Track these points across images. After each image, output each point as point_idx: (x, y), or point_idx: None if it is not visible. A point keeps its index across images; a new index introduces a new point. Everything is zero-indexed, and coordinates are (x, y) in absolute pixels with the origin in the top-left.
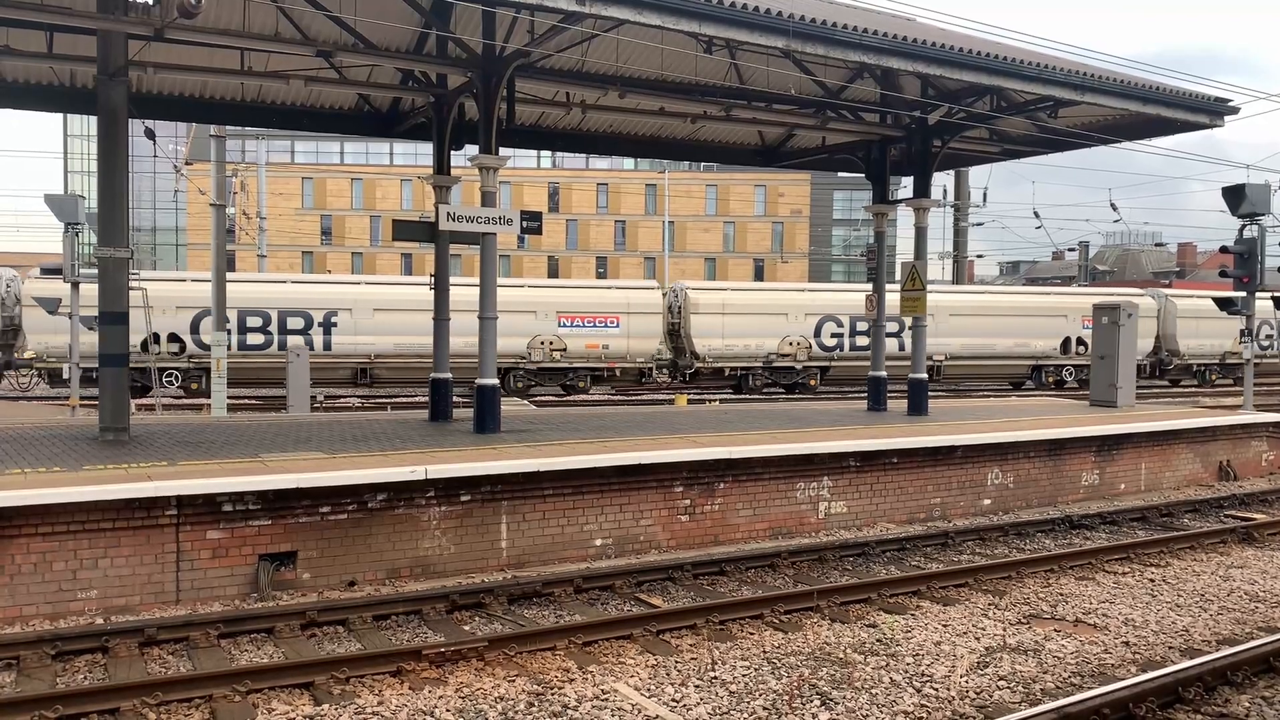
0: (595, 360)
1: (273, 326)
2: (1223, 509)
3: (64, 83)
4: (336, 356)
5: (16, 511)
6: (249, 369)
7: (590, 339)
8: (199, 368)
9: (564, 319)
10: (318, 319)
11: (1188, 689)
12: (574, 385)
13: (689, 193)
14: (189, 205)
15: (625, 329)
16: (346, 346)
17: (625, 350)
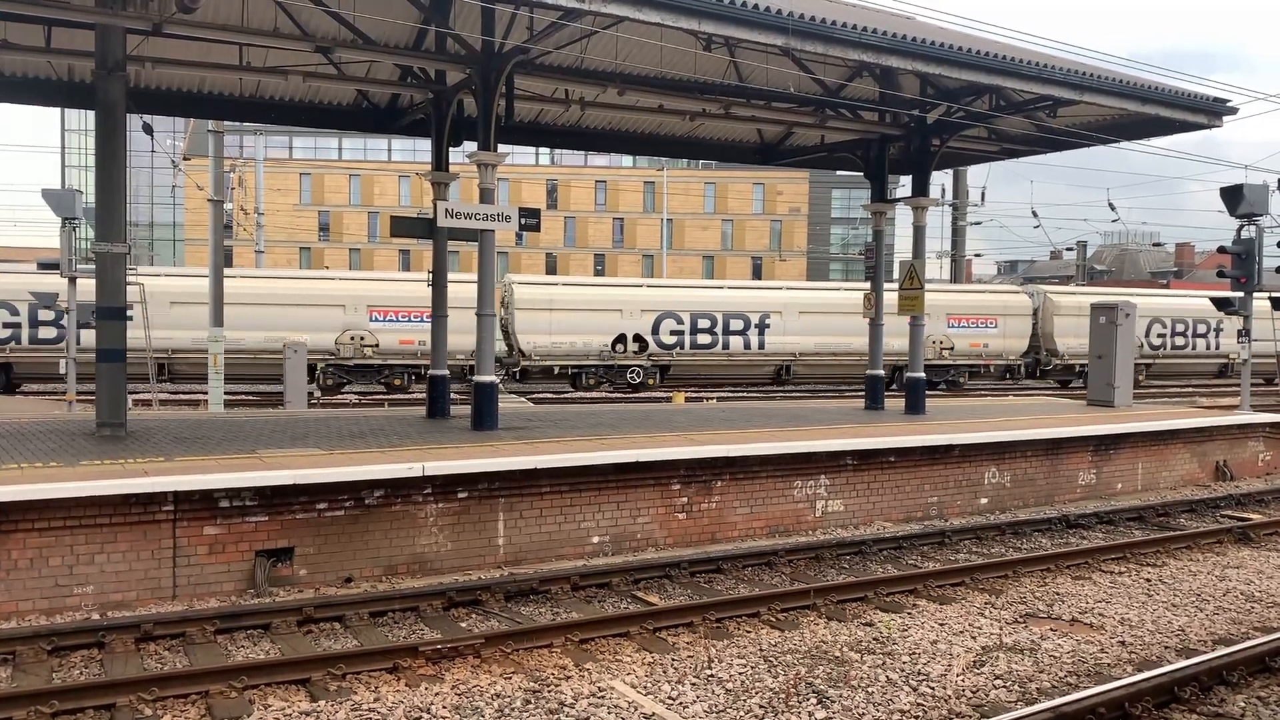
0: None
1: None
2: (1219, 509)
3: (62, 77)
4: None
5: (13, 506)
6: None
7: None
8: None
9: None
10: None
11: (1184, 689)
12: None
13: (687, 190)
14: (187, 201)
15: None
16: None
17: None
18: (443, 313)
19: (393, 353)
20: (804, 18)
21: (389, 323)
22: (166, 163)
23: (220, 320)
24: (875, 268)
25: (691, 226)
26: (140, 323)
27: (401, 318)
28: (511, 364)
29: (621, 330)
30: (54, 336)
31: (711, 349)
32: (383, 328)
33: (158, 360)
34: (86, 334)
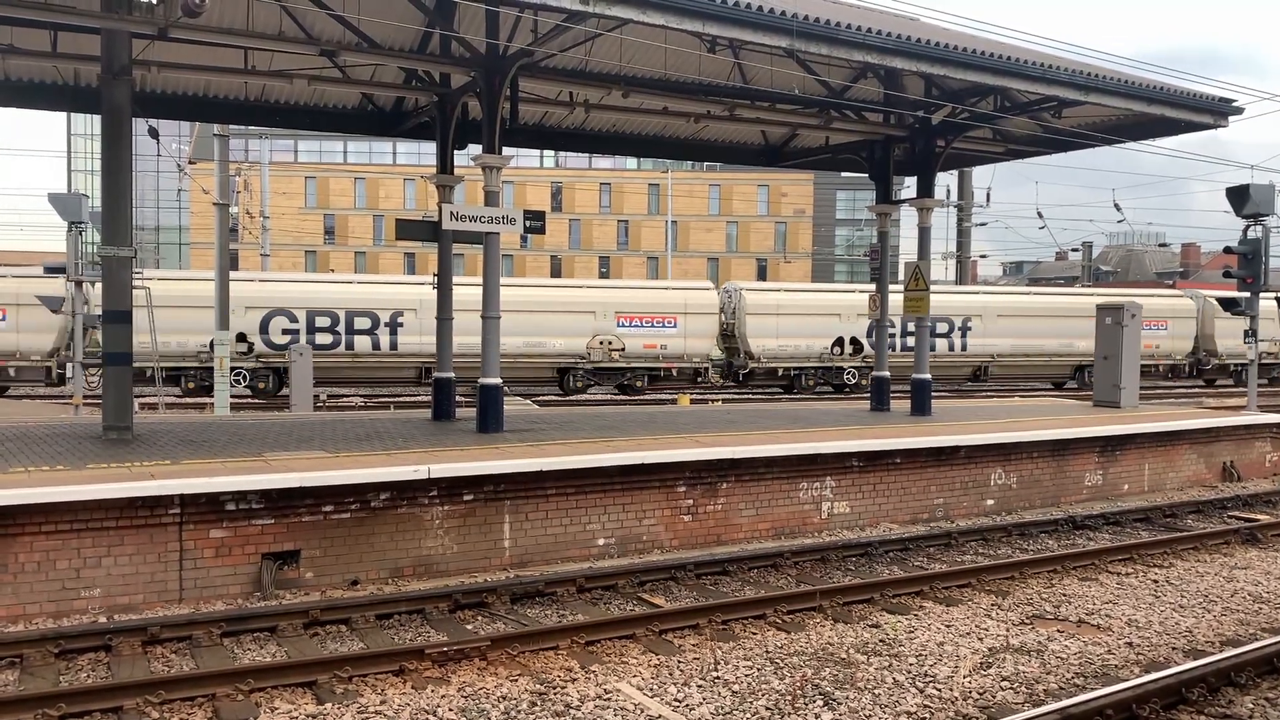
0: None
1: None
2: (1226, 510)
3: (68, 82)
4: None
5: (20, 509)
6: None
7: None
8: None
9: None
10: None
11: (1191, 690)
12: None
13: (692, 192)
14: (192, 204)
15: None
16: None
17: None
18: (448, 315)
19: (637, 356)
20: (808, 19)
21: (634, 328)
22: (172, 166)
23: (226, 323)
24: (880, 269)
25: (696, 228)
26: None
27: (645, 323)
28: (740, 366)
29: (839, 334)
30: None
31: None
32: (628, 332)
33: None
34: None
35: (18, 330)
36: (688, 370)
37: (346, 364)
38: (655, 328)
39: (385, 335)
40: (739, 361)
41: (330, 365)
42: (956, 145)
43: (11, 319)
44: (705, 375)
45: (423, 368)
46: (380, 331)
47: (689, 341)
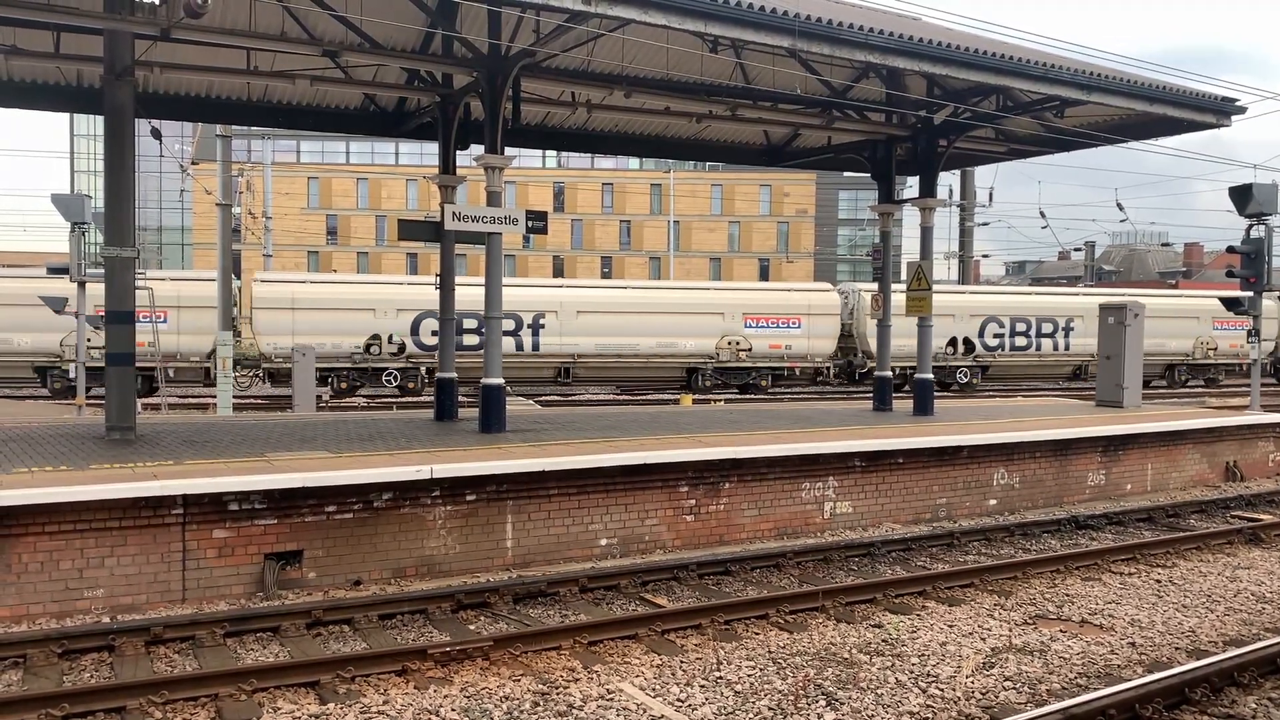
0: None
1: None
2: (1229, 510)
3: (71, 82)
4: None
5: (24, 510)
6: None
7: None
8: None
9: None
10: None
11: (1194, 690)
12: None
13: (694, 192)
14: (195, 205)
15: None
16: None
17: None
18: (450, 316)
19: (762, 356)
20: (810, 19)
21: (761, 329)
22: (175, 167)
23: (229, 325)
24: (883, 269)
25: (698, 228)
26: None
27: (771, 324)
28: (858, 365)
29: (953, 334)
30: None
31: (1026, 350)
32: (755, 333)
33: None
34: None
35: (179, 332)
36: (809, 370)
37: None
38: (780, 328)
39: (528, 336)
40: (857, 360)
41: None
42: (959, 145)
43: (173, 321)
44: (826, 375)
45: (561, 368)
46: (523, 333)
47: (812, 342)
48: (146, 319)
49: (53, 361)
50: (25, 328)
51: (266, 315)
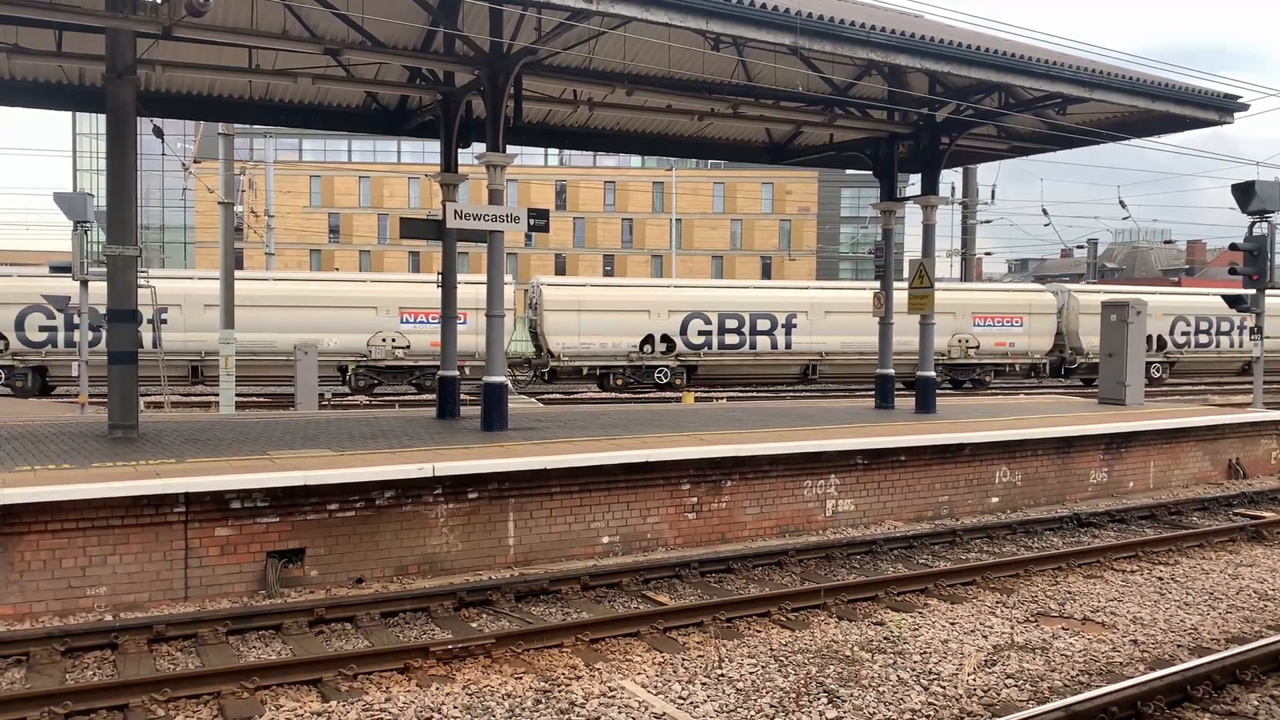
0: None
1: None
2: (1232, 507)
3: (73, 81)
4: None
5: (26, 508)
6: None
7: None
8: None
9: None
10: None
11: (1196, 687)
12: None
13: (696, 190)
14: (197, 203)
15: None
16: None
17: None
18: (452, 314)
19: (988, 353)
20: (812, 17)
21: (988, 327)
22: (177, 166)
23: (231, 323)
24: (885, 267)
25: (700, 226)
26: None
27: (997, 323)
28: (1069, 362)
29: (1151, 332)
30: None
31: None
32: (983, 331)
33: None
34: None
35: (477, 333)
36: (1026, 366)
37: (749, 363)
38: (1005, 326)
39: (781, 336)
40: (1069, 357)
41: (735, 364)
42: (961, 142)
43: (471, 322)
44: (1042, 370)
45: (808, 365)
46: (777, 332)
47: (1032, 340)
48: None
49: (359, 360)
50: (334, 329)
51: (556, 317)
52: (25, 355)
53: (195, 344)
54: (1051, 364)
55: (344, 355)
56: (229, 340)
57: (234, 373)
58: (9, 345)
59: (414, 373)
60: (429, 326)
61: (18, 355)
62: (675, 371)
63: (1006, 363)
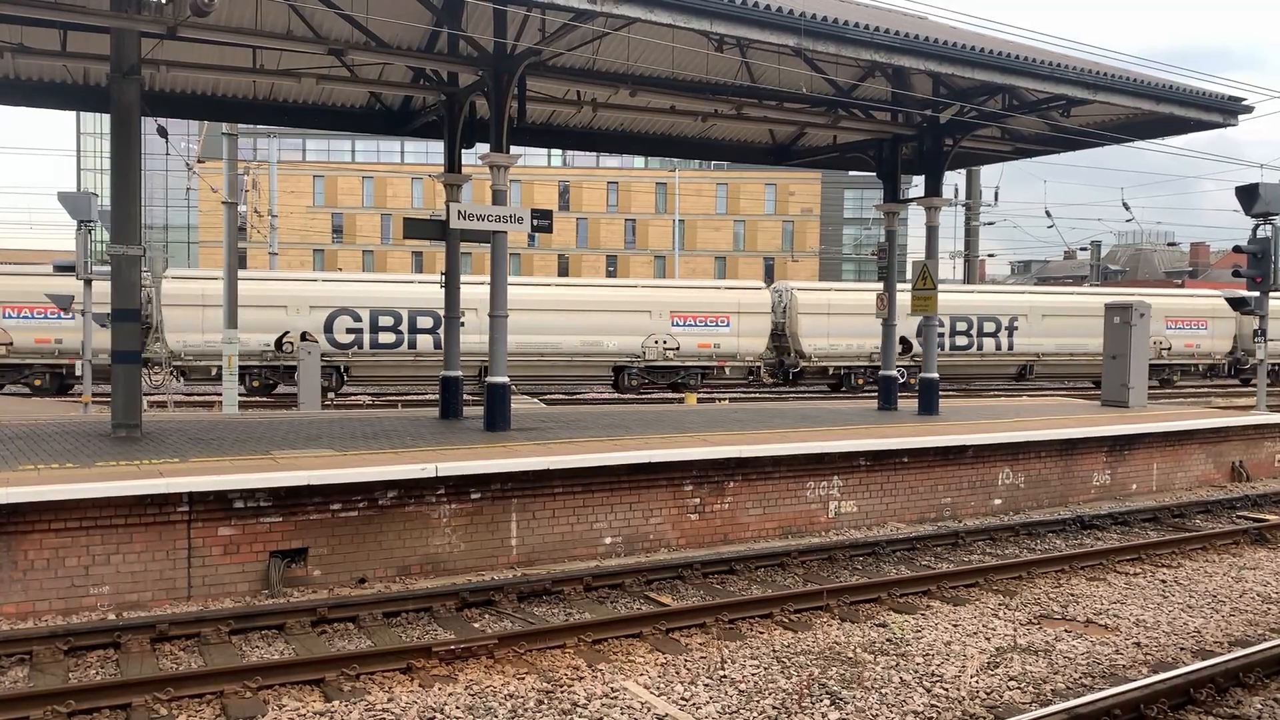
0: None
1: None
2: (1235, 510)
3: (77, 81)
4: None
5: (30, 507)
6: None
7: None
8: None
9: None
10: None
11: (1199, 690)
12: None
13: (699, 191)
14: (201, 203)
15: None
16: None
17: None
18: (455, 314)
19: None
20: (816, 18)
21: (1178, 331)
22: (181, 165)
23: (234, 322)
24: (888, 268)
25: (704, 227)
26: (150, 323)
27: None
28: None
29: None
30: None
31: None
32: (1174, 334)
33: None
34: None
35: (739, 335)
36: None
37: (976, 362)
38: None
39: (1005, 337)
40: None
41: (965, 363)
42: (964, 144)
43: (733, 325)
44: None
45: (1025, 365)
46: (1001, 334)
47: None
48: None
49: (632, 361)
50: (612, 331)
51: (808, 320)
52: (332, 357)
53: None
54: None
55: (620, 356)
56: (232, 340)
57: (237, 371)
58: None
59: (679, 372)
60: (697, 329)
61: (325, 356)
62: (911, 371)
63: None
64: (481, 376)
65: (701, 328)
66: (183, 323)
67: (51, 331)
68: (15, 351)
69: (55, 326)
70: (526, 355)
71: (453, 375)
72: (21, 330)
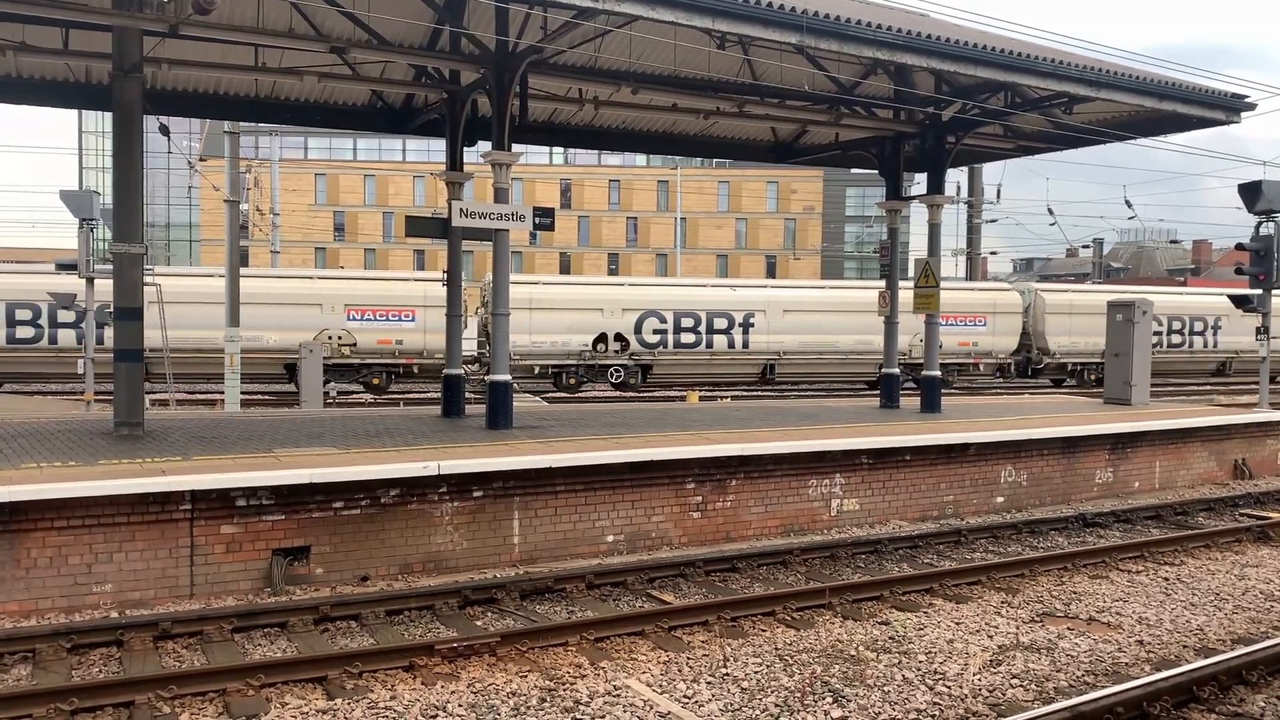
0: None
1: None
2: (1238, 507)
3: (79, 79)
4: None
5: (33, 505)
6: None
7: None
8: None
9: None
10: None
11: (1202, 688)
12: None
13: (701, 189)
14: (203, 201)
15: None
16: None
17: None
18: (457, 312)
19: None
20: (818, 15)
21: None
22: (183, 163)
23: (236, 320)
24: (890, 266)
25: (705, 225)
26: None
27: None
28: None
29: None
30: None
31: None
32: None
33: None
34: None
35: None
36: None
37: (1181, 360)
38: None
39: (1208, 336)
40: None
41: (1167, 361)
42: (967, 141)
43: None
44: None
45: (1223, 362)
46: (1206, 333)
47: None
48: None
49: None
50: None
51: (1053, 320)
52: (639, 355)
53: None
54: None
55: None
56: (234, 338)
57: (239, 370)
58: (628, 346)
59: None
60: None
61: (634, 355)
62: None
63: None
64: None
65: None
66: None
67: (392, 333)
68: (357, 352)
69: (395, 329)
70: None
71: (454, 374)
72: (365, 332)
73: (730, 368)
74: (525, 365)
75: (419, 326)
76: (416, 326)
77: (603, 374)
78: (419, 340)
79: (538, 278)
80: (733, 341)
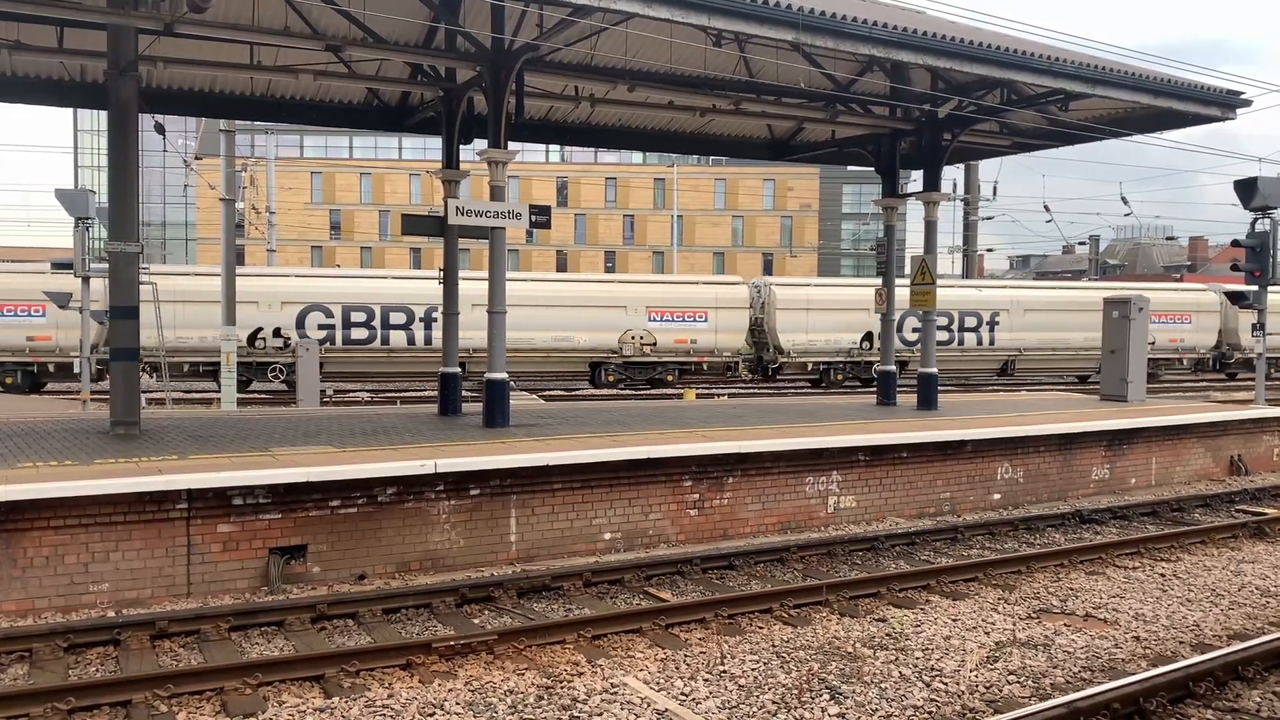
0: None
1: None
2: (1234, 504)
3: (74, 78)
4: None
5: (29, 504)
6: None
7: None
8: None
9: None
10: None
11: (1199, 684)
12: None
13: (697, 187)
14: (199, 200)
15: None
16: None
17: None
18: (454, 310)
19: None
20: (814, 13)
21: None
22: (178, 162)
23: (233, 319)
24: (887, 263)
25: (702, 223)
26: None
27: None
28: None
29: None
30: None
31: None
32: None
33: None
34: None
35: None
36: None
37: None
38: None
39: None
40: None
41: None
42: (963, 138)
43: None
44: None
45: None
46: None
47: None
48: None
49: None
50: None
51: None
52: (901, 352)
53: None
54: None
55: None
56: (230, 337)
57: (235, 368)
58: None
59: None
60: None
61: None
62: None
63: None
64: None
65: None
66: None
67: (688, 333)
68: (656, 350)
69: (690, 329)
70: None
71: (451, 371)
72: (664, 332)
73: (978, 364)
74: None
75: (711, 326)
76: (709, 326)
77: None
78: (711, 339)
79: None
80: (980, 339)
